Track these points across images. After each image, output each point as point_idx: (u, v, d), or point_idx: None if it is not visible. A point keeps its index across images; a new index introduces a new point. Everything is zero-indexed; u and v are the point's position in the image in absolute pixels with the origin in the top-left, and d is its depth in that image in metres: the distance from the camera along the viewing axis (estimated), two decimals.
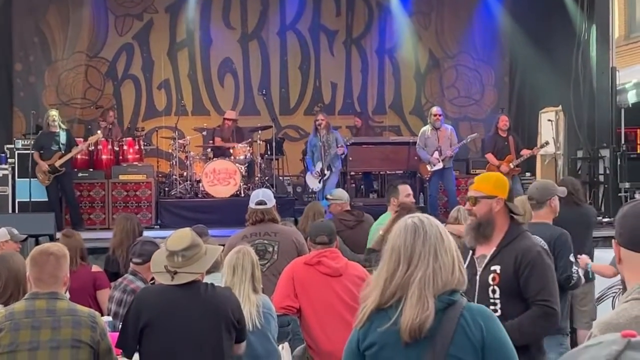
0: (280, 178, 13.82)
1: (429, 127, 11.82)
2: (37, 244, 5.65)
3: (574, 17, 12.99)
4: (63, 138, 11.75)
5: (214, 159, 12.70)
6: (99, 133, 12.48)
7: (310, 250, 5.63)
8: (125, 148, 13.13)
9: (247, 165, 12.96)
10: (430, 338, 2.62)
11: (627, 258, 2.32)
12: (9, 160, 12.24)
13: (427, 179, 11.90)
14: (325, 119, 12.13)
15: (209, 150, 13.20)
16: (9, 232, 6.58)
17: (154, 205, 12.53)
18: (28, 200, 11.55)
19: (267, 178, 13.24)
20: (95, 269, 6.63)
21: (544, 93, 13.82)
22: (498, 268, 4.05)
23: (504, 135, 12.02)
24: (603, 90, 12.48)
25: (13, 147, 12.38)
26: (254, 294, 4.78)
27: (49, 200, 11.70)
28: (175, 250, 4.13)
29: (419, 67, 16.14)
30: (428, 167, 11.61)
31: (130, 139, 13.29)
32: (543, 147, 12.23)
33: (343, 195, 8.36)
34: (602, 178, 12.41)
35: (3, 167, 12.19)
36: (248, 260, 4.83)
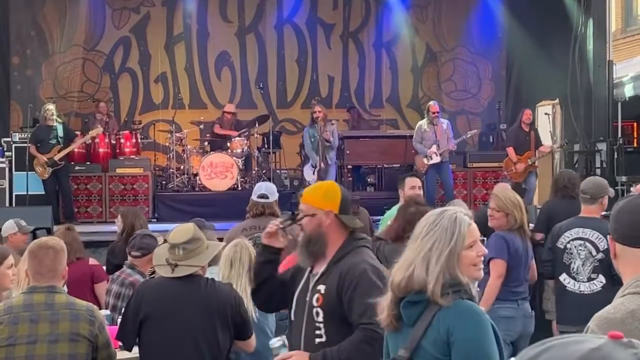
0: (278, 171, 13.81)
1: (426, 121, 11.69)
2: (34, 238, 5.65)
3: (571, 10, 12.98)
4: (60, 131, 11.74)
5: (211, 152, 12.71)
6: (100, 127, 12.45)
7: None
8: (123, 141, 13.10)
9: (244, 159, 12.97)
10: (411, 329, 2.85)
11: (622, 253, 2.34)
12: (6, 154, 12.20)
13: (423, 173, 11.88)
14: (323, 111, 12.10)
15: (206, 144, 13.21)
16: (17, 224, 6.61)
17: (151, 199, 12.55)
18: (25, 194, 11.52)
19: (264, 171, 13.24)
20: (93, 262, 6.63)
21: (541, 86, 13.82)
22: (323, 288, 3.53)
23: (527, 130, 11.87)
24: (600, 84, 12.47)
25: (10, 140, 12.34)
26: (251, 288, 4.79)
27: (46, 194, 11.67)
28: (177, 243, 4.16)
29: (416, 60, 16.12)
30: (425, 160, 11.57)
31: (128, 133, 13.27)
32: (562, 147, 12.22)
33: None
34: (598, 171, 12.41)
35: (0, 160, 12.17)
36: (246, 254, 4.84)
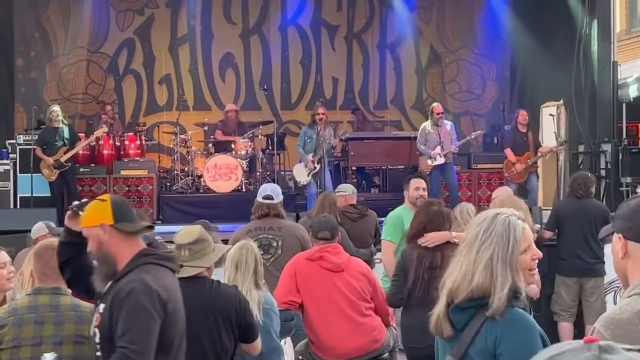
0: (282, 173, 13.80)
1: (429, 123, 11.66)
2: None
3: (575, 11, 12.96)
4: (66, 133, 11.73)
5: (216, 154, 12.70)
6: (104, 127, 12.45)
7: (313, 246, 5.65)
8: (127, 143, 13.10)
9: (248, 161, 12.96)
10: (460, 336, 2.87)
11: (635, 252, 2.33)
12: (11, 156, 12.22)
13: (427, 174, 11.86)
14: (326, 114, 12.16)
15: (210, 146, 13.20)
16: (47, 225, 6.65)
17: (156, 201, 12.54)
18: (30, 196, 11.53)
19: (268, 173, 13.24)
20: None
21: (545, 88, 13.79)
22: (102, 307, 3.29)
23: (524, 131, 11.85)
24: (604, 85, 12.45)
25: (15, 142, 12.36)
26: (256, 290, 4.78)
27: (52, 195, 11.66)
28: (182, 244, 4.17)
29: (421, 61, 16.10)
30: (429, 161, 11.56)
31: (132, 134, 13.27)
32: (562, 145, 12.19)
33: (348, 187, 8.37)
34: (603, 172, 12.39)
35: (4, 162, 12.17)
36: (251, 256, 4.83)
